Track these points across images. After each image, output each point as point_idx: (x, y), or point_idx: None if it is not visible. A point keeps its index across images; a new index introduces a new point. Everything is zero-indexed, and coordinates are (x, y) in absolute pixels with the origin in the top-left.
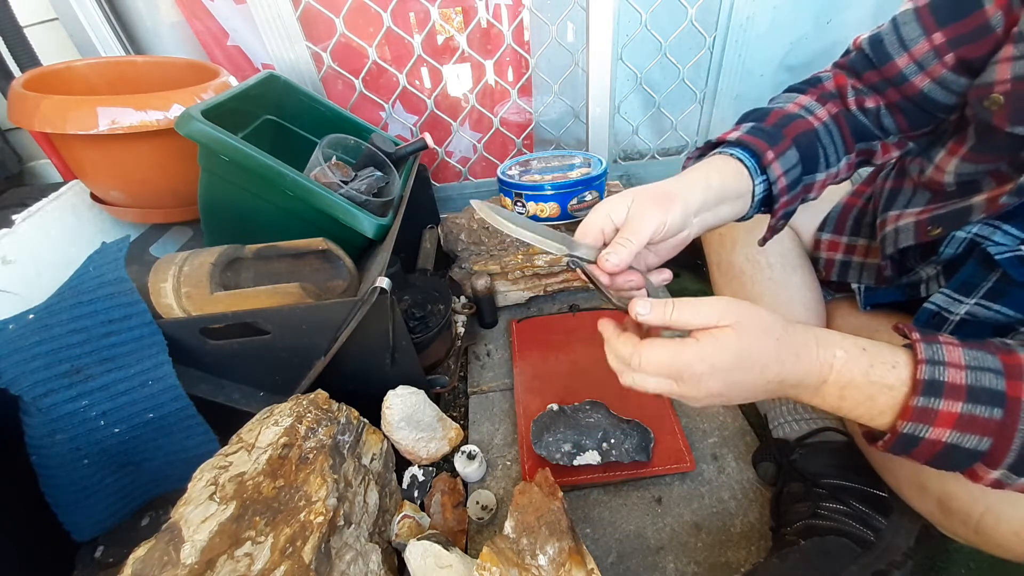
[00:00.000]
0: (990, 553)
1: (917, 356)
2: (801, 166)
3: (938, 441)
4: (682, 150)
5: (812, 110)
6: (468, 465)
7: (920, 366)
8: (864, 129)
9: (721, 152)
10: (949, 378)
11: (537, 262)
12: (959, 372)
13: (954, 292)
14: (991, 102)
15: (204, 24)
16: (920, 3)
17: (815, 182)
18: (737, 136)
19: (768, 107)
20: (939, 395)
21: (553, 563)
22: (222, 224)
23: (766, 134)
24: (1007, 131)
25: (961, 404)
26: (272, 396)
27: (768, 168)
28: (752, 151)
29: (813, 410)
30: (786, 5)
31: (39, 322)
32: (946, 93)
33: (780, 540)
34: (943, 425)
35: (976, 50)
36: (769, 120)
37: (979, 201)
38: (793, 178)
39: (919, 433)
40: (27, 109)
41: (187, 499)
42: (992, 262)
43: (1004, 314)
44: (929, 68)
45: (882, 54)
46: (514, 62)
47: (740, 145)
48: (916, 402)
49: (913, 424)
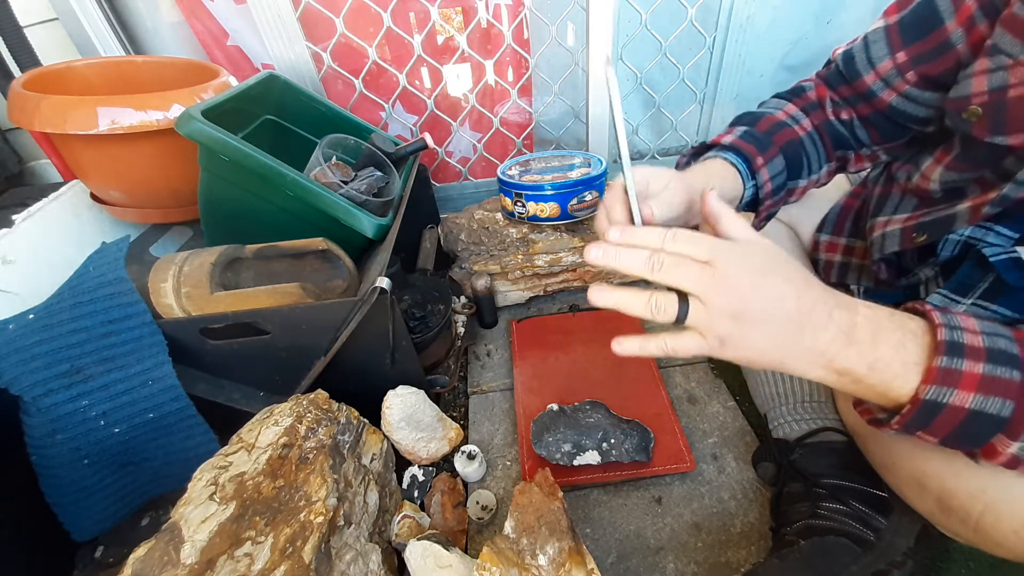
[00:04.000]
0: (989, 552)
1: (934, 321)
2: (786, 172)
3: (961, 407)
4: (682, 150)
5: (798, 119)
6: (468, 465)
7: (939, 329)
8: (842, 138)
9: (717, 155)
10: (967, 340)
11: (537, 262)
12: (975, 336)
13: (951, 293)
14: (970, 114)
15: (204, 24)
16: (891, 21)
17: (797, 187)
18: (731, 140)
19: (760, 112)
20: (960, 355)
21: (553, 563)
22: (222, 224)
23: (757, 140)
24: (986, 141)
25: (982, 365)
26: (272, 396)
27: (757, 173)
28: (744, 156)
29: (813, 410)
30: (786, 5)
31: (39, 322)
32: (915, 106)
33: (780, 540)
34: (967, 388)
35: (937, 67)
36: (761, 126)
37: (963, 209)
38: (778, 184)
39: (942, 399)
40: (27, 109)
41: (187, 499)
42: (987, 263)
43: (1001, 314)
44: (894, 84)
45: (852, 71)
46: (514, 62)
47: (733, 149)
48: (939, 362)
49: (937, 388)
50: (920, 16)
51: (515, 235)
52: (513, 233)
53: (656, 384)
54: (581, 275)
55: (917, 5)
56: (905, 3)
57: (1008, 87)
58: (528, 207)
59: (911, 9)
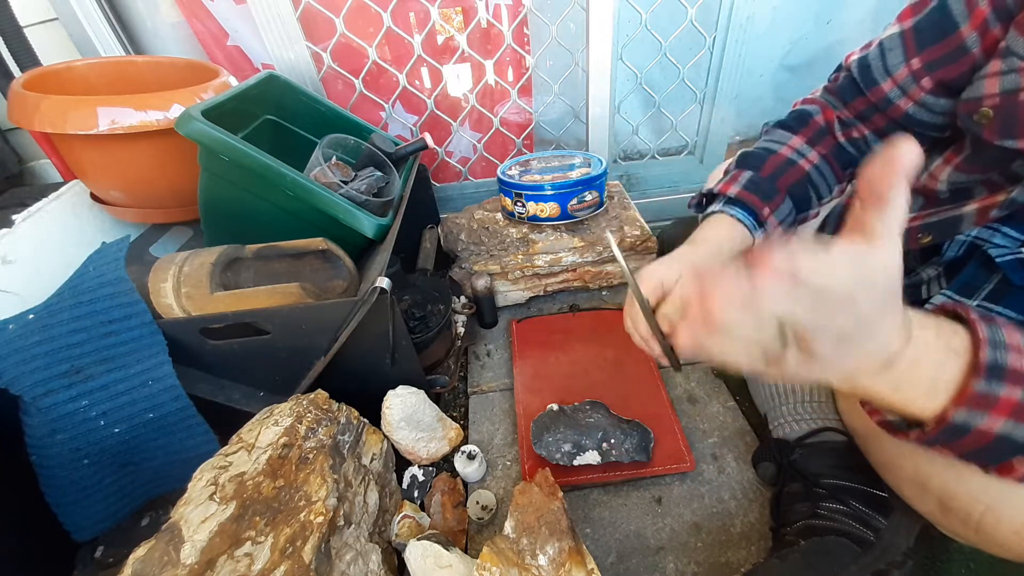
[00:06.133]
0: (990, 553)
1: (978, 335)
2: (794, 212)
3: (988, 432)
4: (682, 150)
5: (804, 153)
6: (468, 465)
7: (983, 347)
8: (852, 159)
9: (723, 211)
10: (1011, 362)
11: (537, 262)
12: (1020, 356)
13: (955, 294)
14: (981, 116)
15: (204, 24)
16: (906, 26)
17: (808, 215)
18: (736, 192)
19: (764, 150)
20: (1002, 379)
21: (553, 563)
22: (222, 224)
23: (762, 191)
24: (996, 144)
25: (1022, 391)
26: (272, 396)
27: (766, 223)
28: (750, 210)
29: (813, 410)
30: (786, 5)
31: (39, 322)
32: (930, 114)
33: (780, 540)
34: (1000, 413)
35: (952, 71)
36: (765, 170)
37: (970, 211)
38: (788, 223)
39: (972, 422)
40: (27, 109)
41: (187, 499)
42: (993, 264)
43: (1007, 316)
44: (910, 91)
45: (869, 79)
46: (514, 62)
47: (739, 203)
48: (977, 386)
49: (968, 411)
50: (934, 21)
51: (515, 235)
52: (513, 233)
53: (656, 384)
54: (581, 275)
55: (931, 10)
56: (919, 8)
57: (1020, 90)
58: (528, 207)
59: (926, 14)
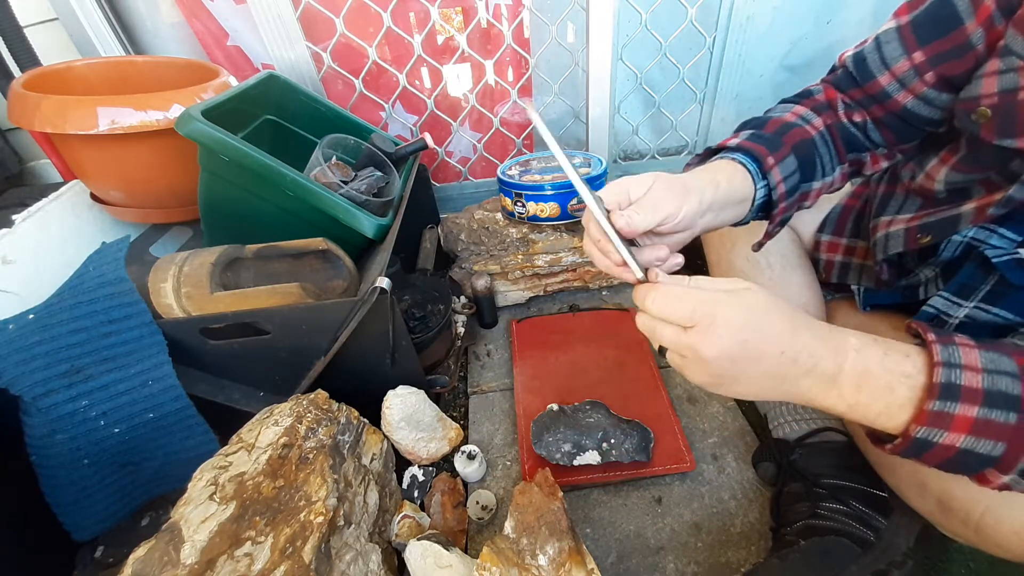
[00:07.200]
0: (990, 553)
1: (933, 358)
2: (799, 173)
3: (951, 446)
4: (682, 150)
5: (808, 119)
6: (468, 465)
7: (936, 369)
8: (855, 140)
9: (723, 157)
10: (966, 381)
11: (537, 262)
12: (976, 375)
13: (953, 295)
14: (978, 115)
15: (204, 24)
16: (903, 21)
17: (811, 190)
18: (738, 142)
19: (766, 116)
20: (955, 399)
21: (553, 563)
22: (222, 224)
23: (766, 140)
24: (994, 143)
25: (977, 408)
26: (272, 396)
27: (768, 173)
28: (753, 156)
29: (813, 410)
30: (786, 5)
31: (39, 322)
32: (930, 108)
33: (780, 540)
34: (958, 430)
35: (957, 67)
36: (768, 128)
37: (968, 210)
38: (791, 185)
39: (933, 438)
40: (27, 109)
41: (187, 499)
42: (990, 265)
43: (1003, 317)
44: (911, 85)
45: (865, 72)
46: (514, 62)
47: (741, 150)
48: (932, 406)
49: (927, 429)
50: (936, 16)
51: (515, 235)
52: (513, 233)
53: (656, 384)
54: (581, 275)
55: (931, 5)
56: (916, 3)
57: (1018, 89)
58: (528, 207)
59: (924, 9)
